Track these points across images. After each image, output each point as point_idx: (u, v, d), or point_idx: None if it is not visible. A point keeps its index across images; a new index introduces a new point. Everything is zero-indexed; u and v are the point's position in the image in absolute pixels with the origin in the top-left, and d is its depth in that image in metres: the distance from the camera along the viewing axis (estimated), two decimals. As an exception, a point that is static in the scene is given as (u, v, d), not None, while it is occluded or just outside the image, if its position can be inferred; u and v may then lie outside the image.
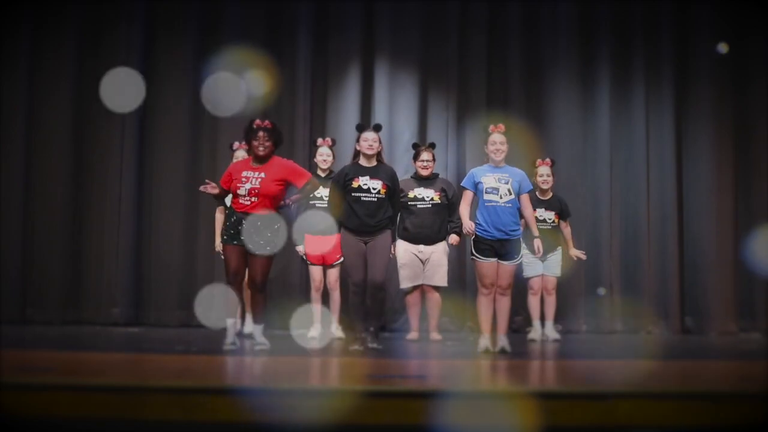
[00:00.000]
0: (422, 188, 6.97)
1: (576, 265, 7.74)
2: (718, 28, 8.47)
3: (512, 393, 3.62)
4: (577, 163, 8.45)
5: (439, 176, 7.26)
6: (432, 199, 6.93)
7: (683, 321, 8.26)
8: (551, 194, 7.12)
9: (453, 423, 3.40)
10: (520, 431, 3.38)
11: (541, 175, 7.05)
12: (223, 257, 5.99)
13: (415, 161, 7.15)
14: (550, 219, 6.99)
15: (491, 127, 5.94)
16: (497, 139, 5.85)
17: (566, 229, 7.19)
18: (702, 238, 8.35)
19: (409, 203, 6.90)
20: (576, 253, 7.18)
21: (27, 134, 8.25)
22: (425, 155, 7.07)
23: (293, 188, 5.85)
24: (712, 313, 8.17)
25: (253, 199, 5.68)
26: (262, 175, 5.71)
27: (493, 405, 3.46)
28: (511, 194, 5.76)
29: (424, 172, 7.01)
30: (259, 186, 5.67)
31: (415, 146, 7.27)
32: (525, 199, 5.84)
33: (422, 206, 6.91)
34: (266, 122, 5.87)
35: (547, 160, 7.13)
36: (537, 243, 5.88)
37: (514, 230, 5.71)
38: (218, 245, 6.60)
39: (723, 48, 8.10)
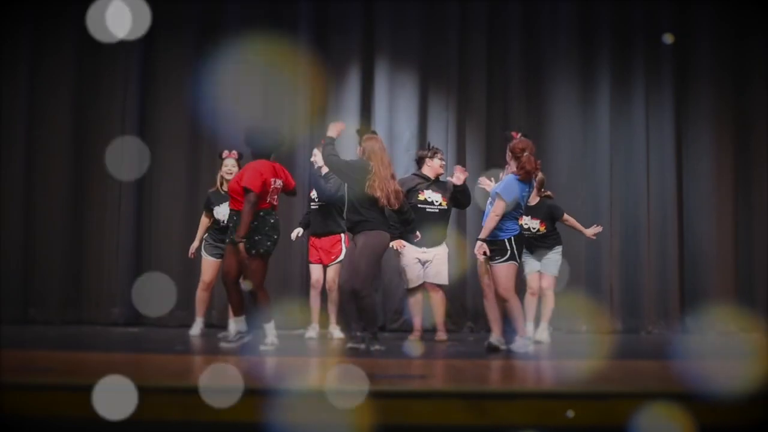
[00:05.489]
0: (431, 191, 6.92)
1: (576, 265, 7.77)
2: (718, 28, 8.48)
3: (513, 393, 3.63)
4: (577, 163, 8.45)
5: (447, 181, 7.22)
6: (440, 204, 6.92)
7: (683, 321, 8.27)
8: (538, 199, 6.81)
9: (450, 422, 3.40)
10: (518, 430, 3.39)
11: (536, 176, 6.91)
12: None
13: (430, 159, 6.97)
14: (534, 228, 6.76)
15: (514, 132, 5.94)
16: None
17: (569, 222, 6.97)
18: (702, 238, 8.35)
19: (419, 205, 6.83)
20: (591, 232, 7.03)
21: (27, 134, 8.26)
22: (441, 155, 7.04)
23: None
24: (711, 313, 8.17)
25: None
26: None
27: (489, 405, 3.46)
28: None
29: (442, 170, 6.99)
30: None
31: (429, 145, 7.17)
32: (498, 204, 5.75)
33: (430, 210, 6.87)
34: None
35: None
36: (477, 245, 5.78)
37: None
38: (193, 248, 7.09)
39: (668, 39, 8.10)
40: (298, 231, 7.19)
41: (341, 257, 6.74)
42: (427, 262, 6.90)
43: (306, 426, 3.35)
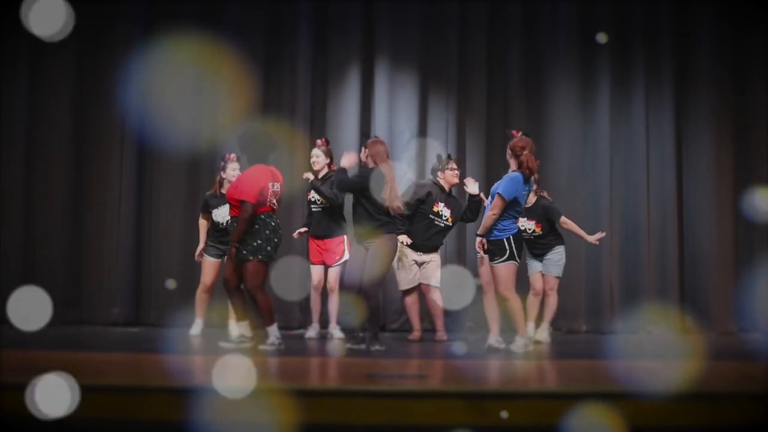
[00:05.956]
0: (444, 204, 6.91)
1: (576, 265, 7.78)
2: (718, 28, 8.48)
3: (513, 393, 3.63)
4: (577, 163, 8.45)
5: (452, 194, 7.20)
6: (447, 220, 6.93)
7: (683, 321, 8.27)
8: (535, 198, 6.80)
9: (450, 422, 3.40)
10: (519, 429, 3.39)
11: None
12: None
13: (442, 172, 6.97)
14: (530, 229, 6.74)
15: (514, 131, 5.94)
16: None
17: (567, 225, 6.90)
18: (702, 238, 8.35)
19: (430, 215, 6.88)
20: (594, 238, 6.97)
21: (28, 135, 8.26)
22: (453, 163, 7.03)
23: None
24: (712, 313, 8.17)
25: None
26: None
27: (489, 405, 3.46)
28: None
29: (457, 180, 6.99)
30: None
31: (440, 157, 7.11)
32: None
33: (437, 223, 6.90)
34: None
35: None
36: (477, 240, 5.87)
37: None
38: (200, 249, 7.06)
39: (602, 38, 8.09)
40: (301, 230, 7.17)
41: (345, 258, 6.75)
42: (423, 263, 6.94)
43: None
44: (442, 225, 6.94)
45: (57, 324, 7.95)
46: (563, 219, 6.90)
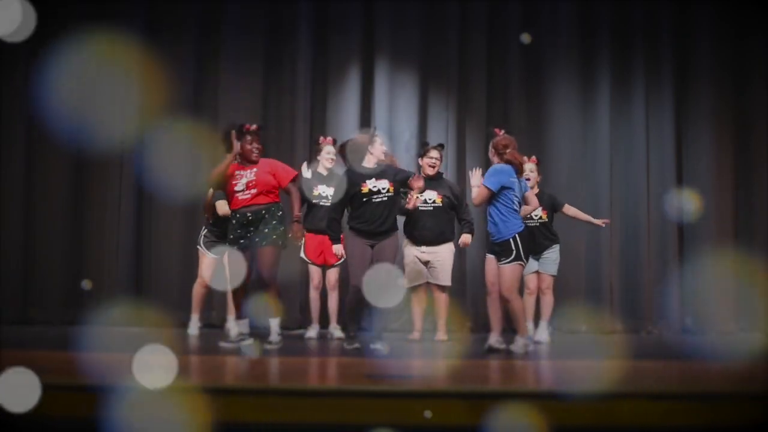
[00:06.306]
0: (427, 189, 6.91)
1: (575, 265, 7.77)
2: (718, 28, 8.48)
3: (513, 393, 3.63)
4: (577, 163, 8.45)
5: (443, 177, 7.20)
6: (434, 202, 6.87)
7: (683, 321, 8.27)
8: (538, 190, 6.88)
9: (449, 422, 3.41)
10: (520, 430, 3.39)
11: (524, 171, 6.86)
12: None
13: (422, 158, 7.02)
14: (536, 215, 6.79)
15: (496, 129, 5.99)
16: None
17: (571, 211, 6.99)
18: (702, 238, 8.35)
19: None
20: (599, 222, 7.12)
21: (27, 134, 8.26)
22: (434, 153, 6.97)
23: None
24: (712, 313, 8.16)
25: (252, 191, 5.79)
26: (255, 169, 5.85)
27: (492, 405, 3.46)
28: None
29: (430, 171, 6.92)
30: (254, 178, 5.81)
31: (425, 144, 7.15)
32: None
33: (423, 208, 6.83)
34: (254, 126, 5.98)
35: (533, 158, 7.04)
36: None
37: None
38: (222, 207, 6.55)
39: (525, 39, 8.10)
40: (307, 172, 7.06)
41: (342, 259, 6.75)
42: (428, 262, 6.89)
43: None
44: (431, 207, 6.84)
45: (57, 324, 8.00)
46: (566, 206, 6.98)
